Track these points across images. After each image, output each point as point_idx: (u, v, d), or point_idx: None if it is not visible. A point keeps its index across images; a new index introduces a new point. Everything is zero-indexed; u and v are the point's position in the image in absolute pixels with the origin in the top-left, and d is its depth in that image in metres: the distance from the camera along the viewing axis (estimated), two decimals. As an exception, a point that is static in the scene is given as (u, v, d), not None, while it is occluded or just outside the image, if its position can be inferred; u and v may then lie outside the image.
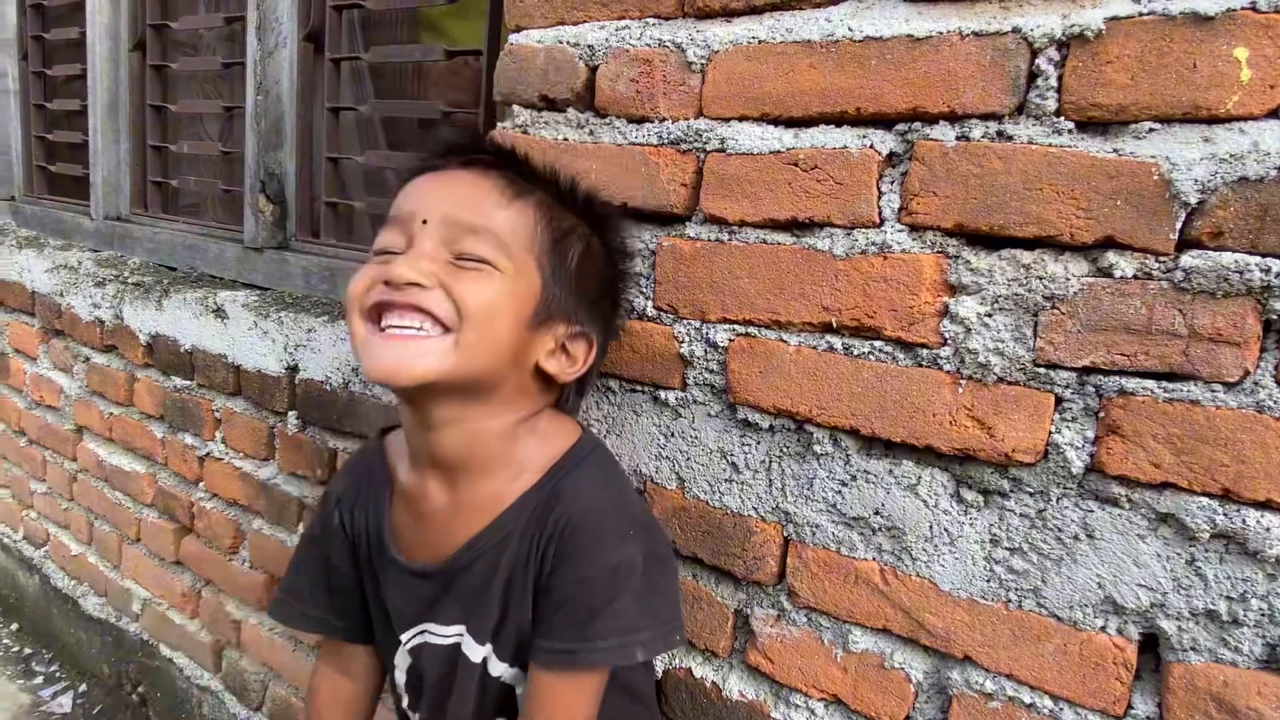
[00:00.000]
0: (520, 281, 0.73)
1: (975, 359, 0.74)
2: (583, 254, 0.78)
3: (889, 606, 0.82)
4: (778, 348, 0.85)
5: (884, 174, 0.78)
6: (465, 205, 0.72)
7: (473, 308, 0.69)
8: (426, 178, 0.76)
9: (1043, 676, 0.75)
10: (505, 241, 0.72)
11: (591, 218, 0.82)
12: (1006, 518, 0.75)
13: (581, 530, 0.75)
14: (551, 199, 0.78)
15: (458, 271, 0.70)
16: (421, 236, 0.71)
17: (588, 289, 0.79)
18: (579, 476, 0.79)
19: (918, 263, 0.76)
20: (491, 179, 0.74)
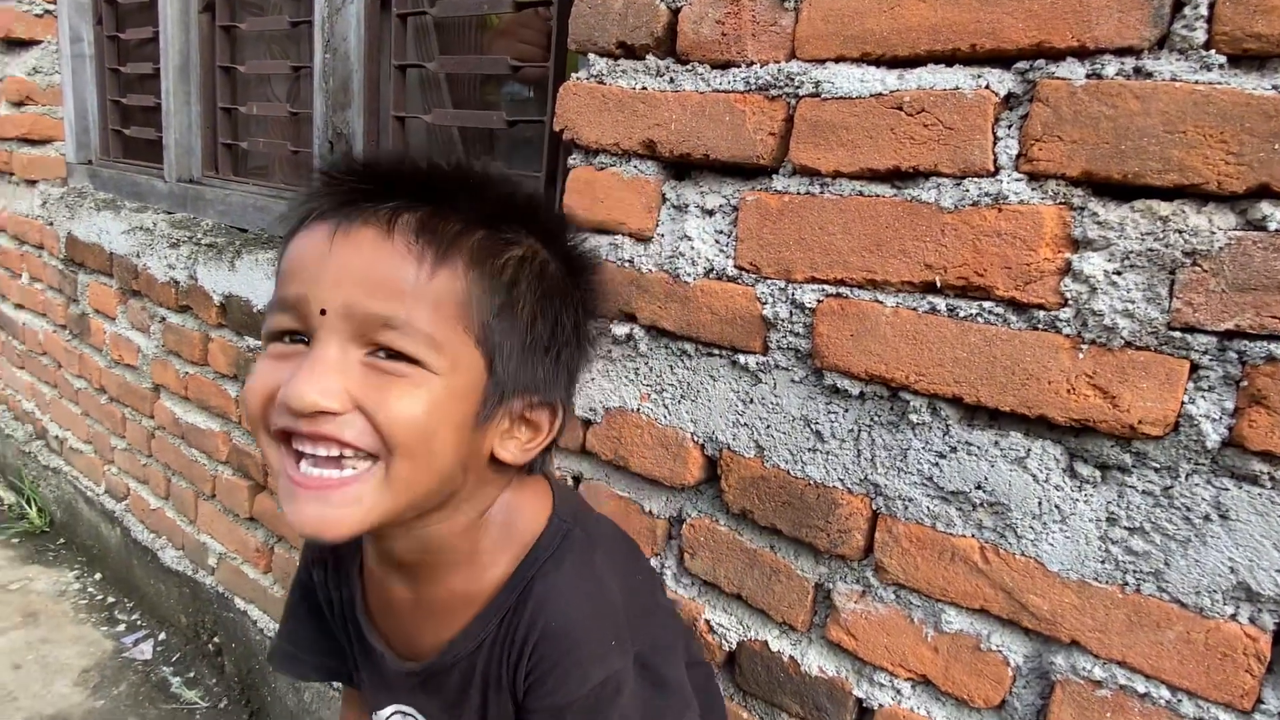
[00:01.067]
0: (458, 377, 0.56)
1: (1100, 321, 0.67)
2: (538, 299, 0.60)
3: (988, 586, 0.77)
4: (872, 309, 0.80)
5: (1000, 117, 0.71)
6: (374, 288, 0.53)
7: (401, 434, 0.53)
8: (316, 239, 0.55)
9: (1160, 665, 0.69)
10: (434, 331, 0.54)
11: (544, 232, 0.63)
12: (1127, 495, 0.69)
13: (557, 652, 0.63)
14: (487, 235, 0.57)
15: (377, 380, 0.53)
16: (323, 333, 0.53)
17: (548, 340, 0.61)
18: (550, 580, 0.65)
19: (1037, 215, 0.69)
20: (404, 240, 0.54)
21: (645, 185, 0.96)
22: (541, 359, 0.60)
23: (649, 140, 0.93)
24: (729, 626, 0.99)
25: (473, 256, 0.56)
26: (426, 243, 0.54)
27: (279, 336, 0.57)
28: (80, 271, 2.20)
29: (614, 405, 1.05)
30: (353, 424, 0.53)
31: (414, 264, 0.53)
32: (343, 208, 0.55)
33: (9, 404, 2.78)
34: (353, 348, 0.53)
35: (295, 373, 0.52)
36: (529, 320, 0.59)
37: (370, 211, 0.54)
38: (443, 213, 0.56)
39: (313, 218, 0.57)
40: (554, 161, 1.26)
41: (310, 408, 0.51)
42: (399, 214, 0.54)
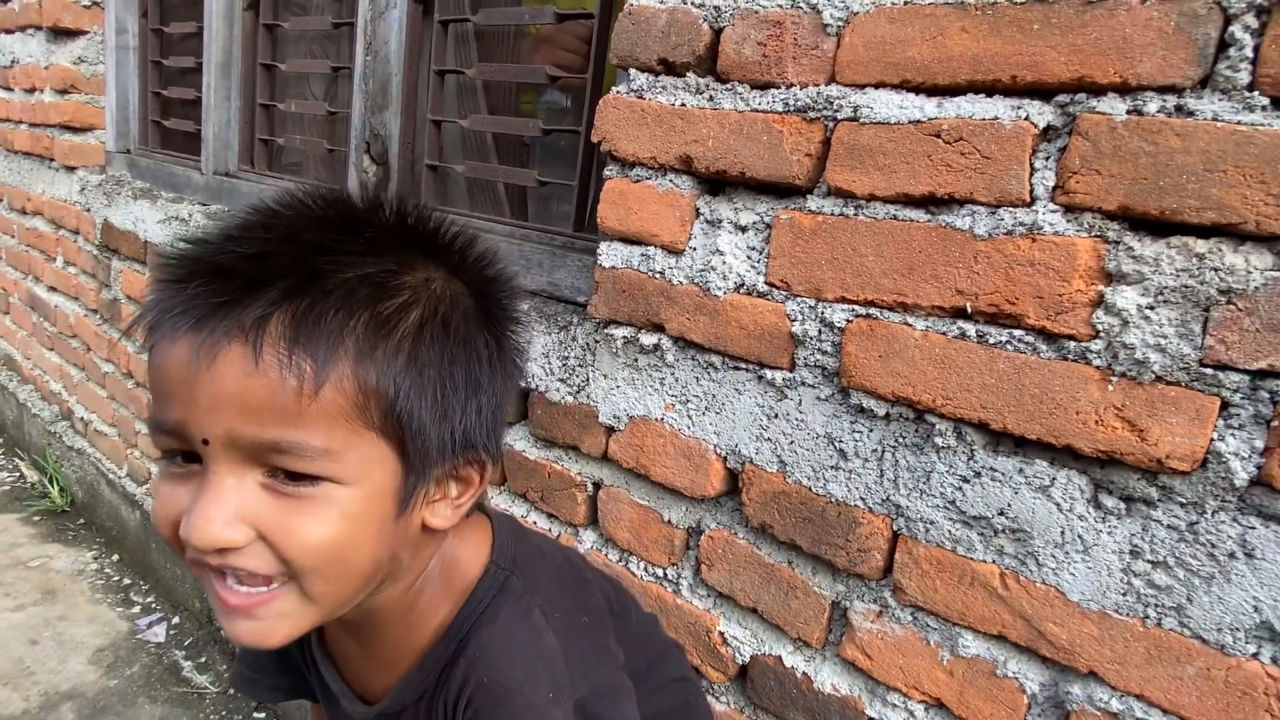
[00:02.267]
0: (369, 480, 0.51)
1: (1131, 355, 0.68)
2: (445, 356, 0.53)
3: (1007, 612, 0.77)
4: (902, 331, 0.80)
5: (1038, 149, 0.72)
6: (253, 415, 0.48)
7: (310, 560, 0.50)
8: (178, 357, 0.48)
9: (1179, 701, 0.69)
10: (330, 444, 0.49)
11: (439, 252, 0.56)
12: (1151, 528, 0.69)
13: (490, 703, 0.61)
14: (372, 305, 0.50)
15: (279, 506, 0.50)
16: (213, 463, 0.49)
17: (464, 395, 0.55)
18: (484, 634, 0.63)
19: (1072, 247, 0.70)
20: (276, 357, 0.47)
21: (680, 199, 0.97)
22: (460, 416, 0.54)
23: (686, 155, 0.94)
24: (743, 640, 0.99)
25: (359, 348, 0.49)
26: (303, 350, 0.47)
27: (170, 455, 0.52)
28: (114, 258, 2.25)
29: (638, 414, 1.06)
30: (258, 554, 0.50)
31: (293, 382, 0.47)
32: (201, 315, 0.48)
33: (37, 384, 2.83)
34: (248, 472, 0.49)
35: (193, 505, 0.49)
36: (438, 385, 0.52)
37: (232, 321, 0.47)
38: (314, 299, 0.48)
39: (171, 324, 0.49)
40: (587, 171, 1.27)
41: (211, 546, 0.48)
42: (265, 322, 0.47)
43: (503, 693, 0.61)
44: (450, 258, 0.56)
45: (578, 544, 1.17)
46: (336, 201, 0.54)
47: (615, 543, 1.12)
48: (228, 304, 0.47)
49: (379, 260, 0.51)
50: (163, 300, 0.50)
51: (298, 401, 0.47)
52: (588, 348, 1.11)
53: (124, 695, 1.88)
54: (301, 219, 0.52)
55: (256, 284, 0.48)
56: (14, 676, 1.88)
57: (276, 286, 0.48)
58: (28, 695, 1.84)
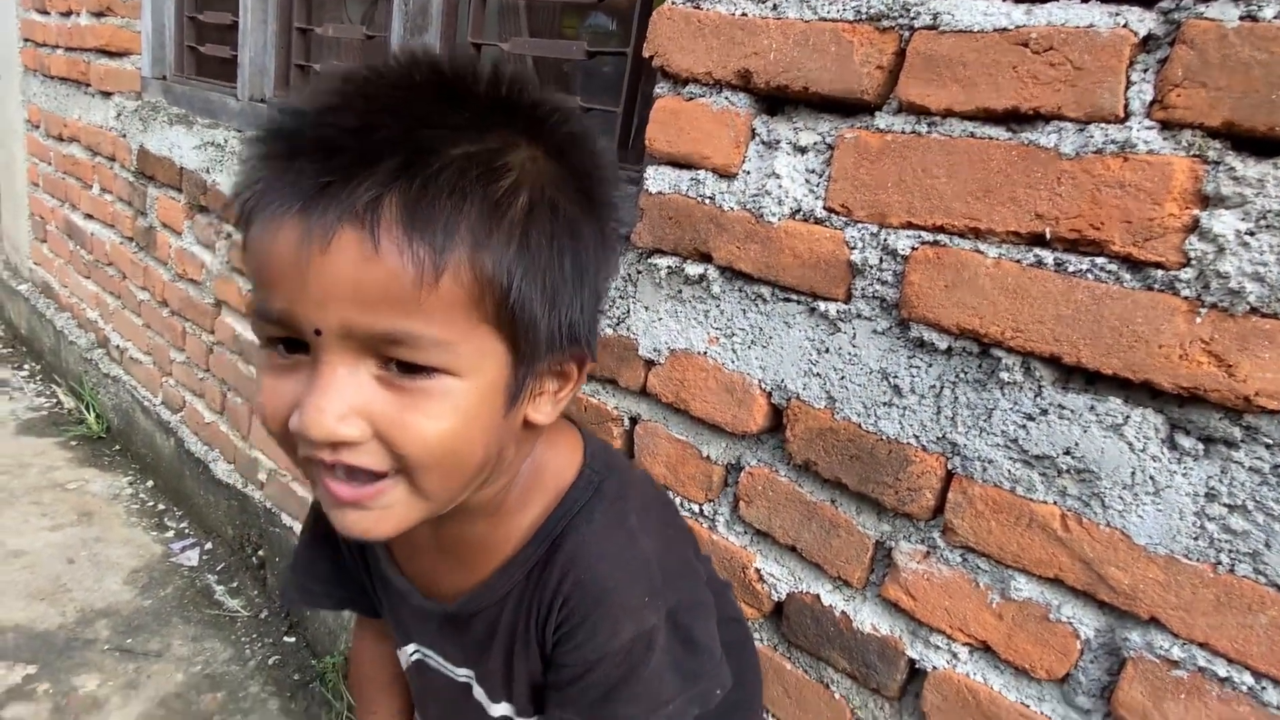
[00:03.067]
0: (483, 374, 0.49)
1: (1225, 284, 0.63)
2: (556, 244, 0.50)
3: (1066, 555, 0.74)
4: (972, 259, 0.76)
5: (1136, 60, 0.66)
6: (370, 305, 0.45)
7: (425, 456, 0.49)
8: (285, 244, 0.45)
9: (1246, 650, 0.66)
10: (448, 335, 0.47)
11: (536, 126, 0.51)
12: (1231, 470, 0.65)
13: (587, 604, 0.60)
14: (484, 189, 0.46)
15: (396, 400, 0.48)
16: (325, 353, 0.47)
17: (572, 284, 0.52)
18: (581, 533, 0.62)
19: (1168, 166, 0.65)
20: (393, 243, 0.44)
21: (735, 118, 0.92)
22: (567, 308, 0.52)
23: (744, 70, 0.89)
24: (779, 577, 0.98)
25: (474, 234, 0.46)
26: (420, 236, 0.44)
27: (273, 344, 0.50)
28: (150, 185, 2.24)
29: (680, 347, 1.03)
30: (372, 450, 0.48)
31: (411, 267, 0.44)
32: (309, 195, 0.44)
33: (74, 312, 2.86)
34: (362, 364, 0.47)
35: (305, 398, 0.47)
36: (548, 274, 0.50)
37: (343, 204, 0.43)
38: (426, 179, 0.45)
39: (275, 205, 0.45)
40: (632, 98, 1.23)
41: (327, 439, 0.47)
42: (378, 205, 0.44)
43: (600, 592, 0.60)
44: (550, 135, 0.51)
45: (612, 478, 1.15)
46: (432, 69, 0.50)
47: (651, 477, 1.10)
48: (336, 183, 0.44)
49: (483, 137, 0.47)
50: (263, 179, 0.46)
51: (416, 291, 0.44)
52: (629, 279, 1.08)
53: (158, 615, 1.92)
54: (398, 88, 0.48)
55: (364, 160, 0.44)
56: (51, 593, 1.93)
57: (385, 163, 0.44)
58: (64, 611, 1.89)
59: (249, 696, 1.72)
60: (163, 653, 1.80)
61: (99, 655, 1.76)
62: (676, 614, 0.63)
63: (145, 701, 1.66)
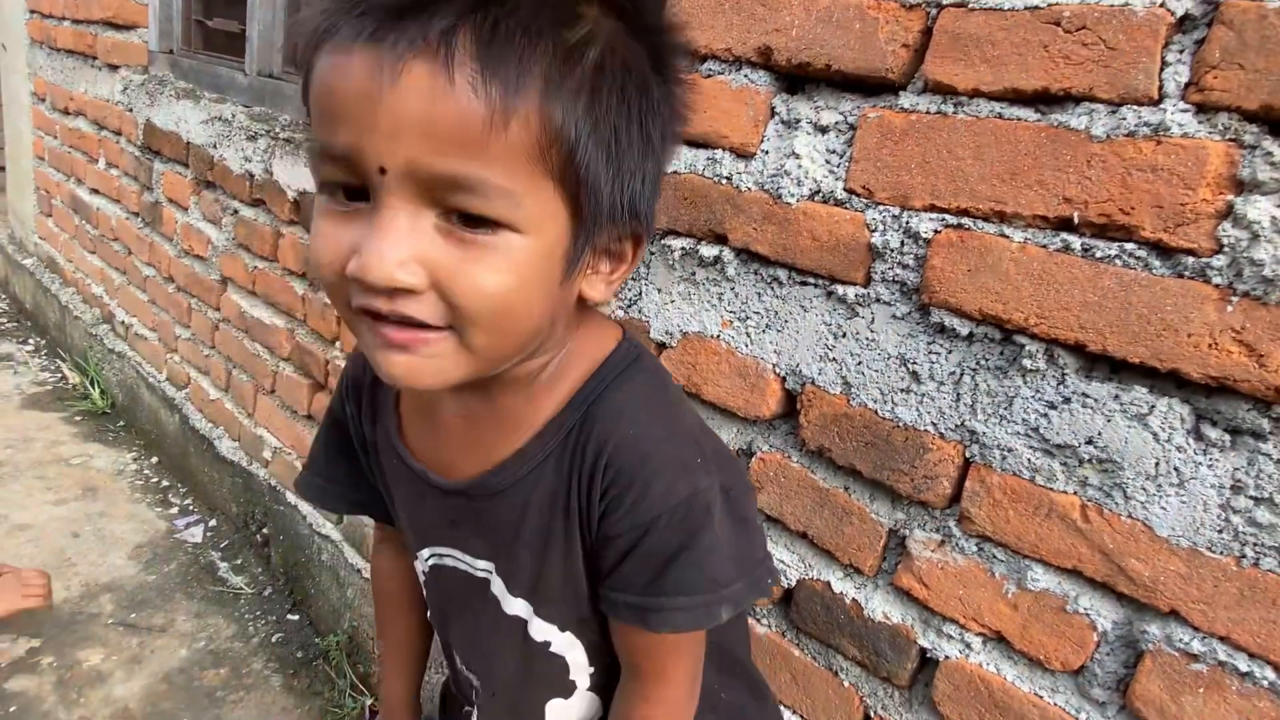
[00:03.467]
0: (545, 233, 0.48)
1: (1258, 272, 0.62)
2: (624, 107, 0.48)
3: (1085, 546, 0.73)
4: (996, 243, 0.75)
5: (1171, 40, 0.65)
6: (440, 143, 0.44)
7: (480, 311, 0.48)
8: (356, 72, 0.44)
9: (1269, 645, 0.65)
10: (513, 185, 0.46)
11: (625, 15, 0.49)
12: (1258, 462, 0.64)
13: (636, 462, 0.57)
14: (556, 33, 0.45)
15: (456, 252, 0.47)
16: (387, 196, 0.46)
17: (637, 155, 0.51)
18: (620, 393, 0.59)
19: (1202, 150, 0.63)
20: (467, 75, 0.43)
21: (754, 96, 0.90)
22: (630, 176, 0.50)
23: (765, 46, 0.88)
24: (790, 564, 0.97)
25: (546, 79, 0.44)
26: (493, 74, 0.43)
27: (331, 189, 0.49)
28: (156, 159, 2.22)
29: (692, 330, 1.02)
30: (429, 302, 0.47)
31: (483, 107, 0.43)
32: (379, 23, 0.43)
33: (79, 287, 2.85)
34: (423, 211, 0.46)
35: (366, 241, 0.46)
36: (614, 138, 0.48)
37: (417, 32, 0.42)
38: (500, 14, 0.43)
39: (343, 34, 0.44)
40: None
41: (386, 283, 0.46)
42: (452, 36, 0.42)
43: (649, 447, 0.57)
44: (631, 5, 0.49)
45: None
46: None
47: (661, 461, 1.09)
48: (409, 9, 0.42)
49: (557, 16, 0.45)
50: (331, 6, 0.45)
51: (485, 132, 0.43)
52: (642, 260, 1.07)
53: (161, 590, 1.92)
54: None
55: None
56: (55, 566, 1.94)
57: (455, 15, 0.42)
58: (69, 584, 1.89)
59: (252, 673, 1.72)
60: (166, 628, 1.80)
61: (103, 629, 1.76)
62: (730, 489, 0.60)
63: (148, 676, 1.66)
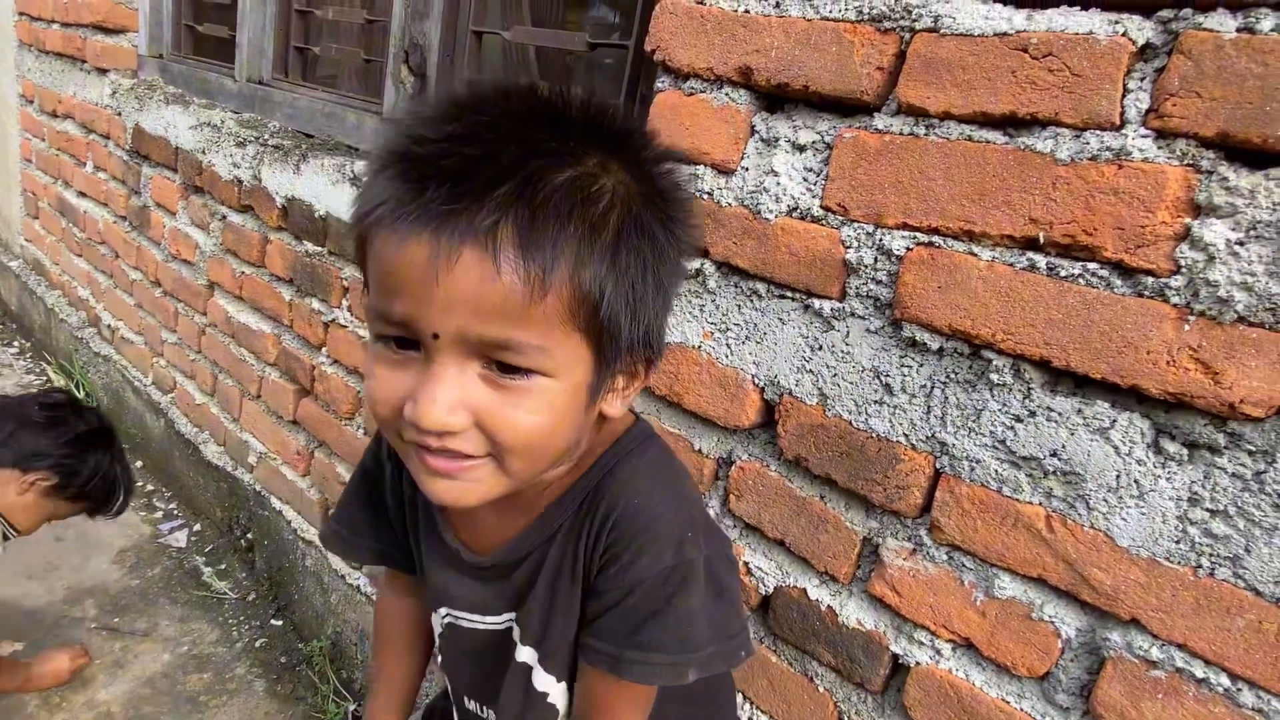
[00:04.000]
0: (573, 375, 0.56)
1: (1214, 293, 0.64)
2: (640, 259, 0.55)
3: (1049, 555, 0.75)
4: (965, 261, 0.77)
5: (1134, 68, 0.67)
6: (486, 316, 0.51)
7: (518, 444, 0.56)
8: (415, 257, 0.51)
9: (1224, 652, 0.67)
10: (547, 342, 0.53)
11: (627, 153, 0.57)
12: (1214, 476, 0.67)
13: (634, 529, 0.64)
14: (582, 211, 0.52)
15: (497, 397, 0.55)
16: (439, 354, 0.54)
17: (652, 295, 0.57)
18: (630, 467, 0.67)
19: (1161, 175, 0.65)
20: (510, 263, 0.50)
21: (735, 115, 0.93)
22: (644, 319, 0.57)
23: (745, 67, 0.90)
24: (768, 571, 0.99)
25: (576, 254, 0.52)
26: (531, 258, 0.50)
27: (386, 340, 0.57)
28: (144, 164, 2.22)
29: (674, 340, 1.04)
30: (472, 438, 0.56)
31: (523, 285, 0.51)
32: (438, 221, 0.50)
33: (65, 290, 2.84)
34: (469, 364, 0.54)
35: (420, 390, 0.54)
36: (633, 288, 0.55)
37: (467, 226, 0.50)
38: (537, 206, 0.50)
39: (404, 224, 0.51)
40: (633, 91, 1.23)
41: (439, 428, 0.54)
42: (497, 228, 0.50)
43: (649, 518, 0.65)
44: (636, 156, 0.57)
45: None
46: (535, 98, 0.56)
47: (642, 469, 1.11)
48: (463, 210, 0.50)
49: (581, 161, 0.53)
50: (396, 198, 0.52)
51: (525, 305, 0.51)
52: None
53: (145, 594, 1.92)
54: (511, 117, 0.54)
55: (487, 187, 0.50)
56: (40, 570, 1.93)
57: (503, 190, 0.50)
58: (52, 589, 1.89)
59: (235, 678, 1.72)
60: (149, 632, 1.80)
61: (86, 633, 1.76)
62: (711, 562, 0.67)
63: (131, 680, 1.66)
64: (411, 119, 0.56)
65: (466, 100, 0.55)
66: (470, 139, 0.52)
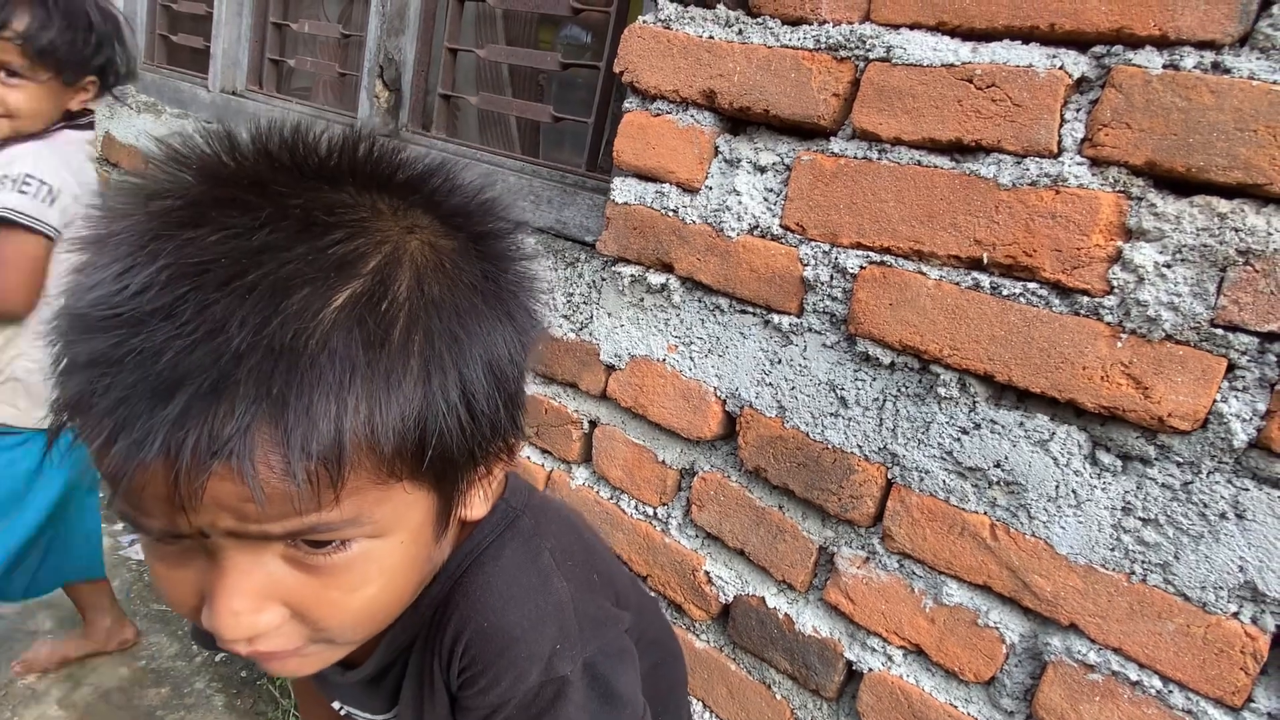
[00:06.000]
0: (405, 525, 0.45)
1: (1144, 312, 0.68)
2: (461, 360, 0.42)
3: (994, 563, 0.78)
4: (915, 280, 0.80)
5: (1070, 100, 0.71)
6: (264, 516, 0.39)
7: (344, 625, 0.46)
8: (149, 476, 0.37)
9: (1156, 655, 0.71)
10: (361, 513, 0.42)
11: (436, 226, 0.44)
12: (1145, 486, 0.70)
13: (488, 655, 0.56)
14: (372, 374, 0.38)
15: (309, 579, 0.43)
16: (221, 551, 0.41)
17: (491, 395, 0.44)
18: (481, 578, 0.57)
19: (1095, 200, 0.69)
20: (275, 474, 0.37)
21: (699, 135, 0.96)
22: (488, 421, 0.45)
23: (709, 90, 0.93)
24: (728, 580, 1.01)
25: (371, 414, 0.38)
26: (307, 454, 0.37)
27: (154, 534, 0.43)
28: (114, 172, 2.21)
29: (640, 353, 1.06)
30: (291, 630, 0.45)
31: (306, 486, 0.38)
32: (162, 442, 0.35)
33: (28, 298, 2.79)
34: (266, 550, 0.42)
35: (212, 597, 0.42)
36: (461, 393, 0.42)
37: (206, 446, 0.35)
38: (299, 388, 0.36)
39: (121, 449, 0.36)
40: (604, 110, 1.26)
41: (247, 638, 0.43)
42: (249, 435, 0.36)
43: (504, 641, 0.56)
44: (431, 209, 0.45)
45: (570, 480, 1.17)
46: (257, 179, 0.40)
47: (608, 481, 1.13)
48: (195, 422, 0.35)
49: (358, 253, 0.39)
50: (97, 415, 0.36)
51: (315, 499, 0.39)
52: (593, 285, 1.11)
53: (104, 608, 1.88)
54: (229, 233, 0.37)
55: (217, 387, 0.35)
56: (-6, 582, 1.89)
57: (242, 380, 0.35)
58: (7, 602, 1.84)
59: (194, 692, 1.69)
60: (106, 647, 1.77)
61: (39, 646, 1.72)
62: (595, 664, 0.59)
63: (87, 694, 1.63)
64: (95, 247, 0.39)
65: (161, 213, 0.38)
66: (178, 308, 0.35)
